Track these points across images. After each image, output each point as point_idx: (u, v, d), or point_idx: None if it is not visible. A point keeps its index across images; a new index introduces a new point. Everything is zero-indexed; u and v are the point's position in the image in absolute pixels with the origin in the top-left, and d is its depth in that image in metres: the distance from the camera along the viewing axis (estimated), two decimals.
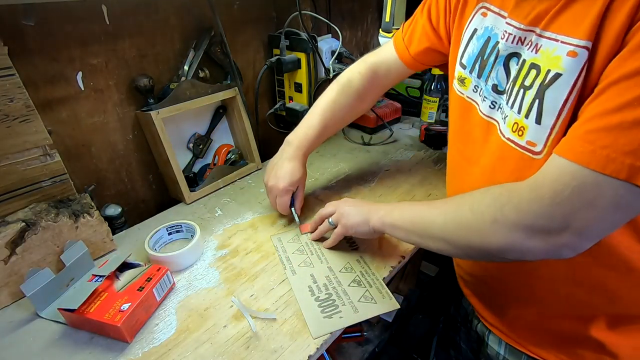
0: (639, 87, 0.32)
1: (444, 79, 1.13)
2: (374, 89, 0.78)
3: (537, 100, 0.42)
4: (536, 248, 0.40)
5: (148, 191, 0.89)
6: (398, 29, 0.82)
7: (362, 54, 1.29)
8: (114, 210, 0.76)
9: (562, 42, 0.39)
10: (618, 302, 0.48)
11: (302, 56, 0.96)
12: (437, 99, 1.13)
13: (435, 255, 1.20)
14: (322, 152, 1.06)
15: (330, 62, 1.01)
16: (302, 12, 0.90)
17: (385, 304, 0.57)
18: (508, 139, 0.47)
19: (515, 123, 0.45)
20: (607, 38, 0.35)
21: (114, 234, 0.72)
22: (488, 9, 0.51)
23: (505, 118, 0.47)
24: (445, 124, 1.13)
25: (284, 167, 0.71)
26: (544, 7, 0.41)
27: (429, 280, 1.24)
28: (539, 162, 0.43)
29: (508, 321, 0.59)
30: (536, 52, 0.42)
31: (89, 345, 0.52)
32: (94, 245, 0.67)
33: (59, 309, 0.54)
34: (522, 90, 0.44)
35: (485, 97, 0.52)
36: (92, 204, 0.66)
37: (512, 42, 0.46)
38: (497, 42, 0.49)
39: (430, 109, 1.16)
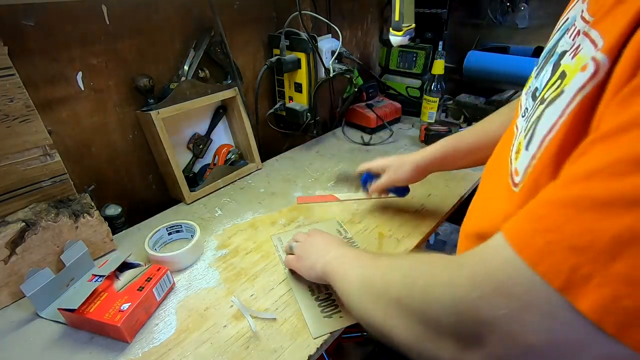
0: (621, 148, 0.21)
1: (444, 79, 1.13)
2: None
3: (537, 120, 0.31)
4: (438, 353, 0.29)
5: (148, 191, 0.89)
6: (408, 26, 0.82)
7: (362, 54, 1.29)
8: (114, 210, 0.76)
9: (598, 48, 0.26)
10: None
11: (302, 56, 0.96)
12: (437, 99, 1.13)
13: None
14: (322, 152, 1.06)
15: (330, 62, 1.01)
16: (302, 12, 0.90)
17: None
18: (510, 159, 0.37)
19: (519, 142, 0.35)
20: (629, 57, 0.23)
21: (114, 234, 0.72)
22: None
23: (520, 134, 0.37)
24: (445, 124, 1.13)
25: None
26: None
27: None
28: (516, 197, 0.33)
29: None
30: (573, 58, 0.29)
31: (89, 345, 0.52)
32: (94, 245, 0.67)
33: (59, 309, 0.54)
34: (539, 104, 0.33)
35: (526, 101, 0.40)
36: (92, 204, 0.66)
37: (571, 37, 0.33)
38: (564, 35, 0.36)
39: (430, 109, 1.16)
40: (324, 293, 0.59)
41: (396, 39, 0.83)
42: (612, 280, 0.20)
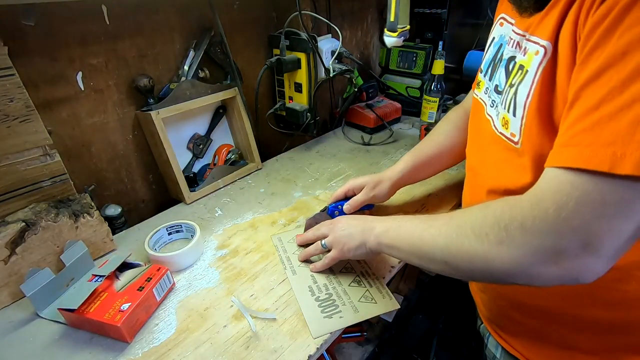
0: (607, 84, 0.32)
1: (444, 79, 1.13)
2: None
3: (513, 95, 0.45)
4: (548, 274, 0.36)
5: (148, 191, 0.89)
6: (403, 27, 0.82)
7: (362, 54, 1.29)
8: (114, 210, 0.76)
9: (540, 44, 0.42)
10: (608, 305, 0.46)
11: (302, 56, 0.96)
12: (437, 99, 1.13)
13: None
14: (322, 152, 1.06)
15: (330, 62, 1.01)
16: (302, 12, 0.90)
17: (386, 304, 0.57)
18: (500, 133, 0.49)
19: (503, 117, 0.48)
20: (564, 39, 0.38)
21: (114, 234, 0.72)
22: (504, 19, 0.54)
23: (498, 115, 0.51)
24: None
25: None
26: (536, 16, 0.44)
27: (429, 280, 1.24)
28: (519, 151, 0.46)
29: (504, 325, 0.59)
30: (524, 55, 0.45)
31: (89, 345, 0.52)
32: (94, 245, 0.67)
33: (59, 309, 0.54)
34: (510, 88, 0.47)
35: (489, 96, 0.55)
36: (92, 204, 0.66)
37: (512, 47, 0.49)
38: (504, 48, 0.52)
39: (430, 109, 1.16)
40: (324, 293, 0.59)
41: (390, 39, 0.83)
42: (637, 148, 0.30)
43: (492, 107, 0.53)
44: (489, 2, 1.24)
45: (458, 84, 1.33)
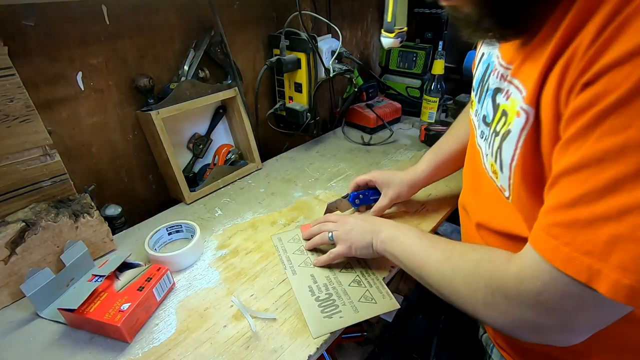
0: (586, 182, 0.31)
1: (444, 79, 1.13)
2: None
3: (499, 150, 0.43)
4: (528, 337, 0.40)
5: (148, 191, 0.89)
6: (400, 29, 0.82)
7: (362, 54, 1.29)
8: (114, 210, 0.76)
9: (522, 96, 0.38)
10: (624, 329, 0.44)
11: (302, 56, 0.96)
12: (437, 99, 1.13)
13: None
14: (322, 152, 1.06)
15: (330, 62, 1.01)
16: (302, 12, 0.90)
17: (386, 304, 0.57)
18: (491, 177, 0.48)
19: (492, 164, 0.46)
20: (546, 107, 0.34)
21: (114, 234, 0.72)
22: None
23: (487, 156, 0.48)
24: (445, 124, 1.13)
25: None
26: (519, 53, 0.40)
27: None
28: (511, 206, 0.45)
29: (509, 339, 0.58)
30: (507, 99, 0.42)
31: (89, 345, 0.52)
32: (94, 245, 0.67)
33: (59, 309, 0.54)
34: (494, 135, 0.44)
35: (479, 124, 0.52)
36: (92, 204, 0.66)
37: (497, 78, 0.45)
38: (491, 72, 0.48)
39: (430, 109, 1.16)
40: (324, 293, 0.59)
41: (387, 40, 0.83)
42: (612, 269, 0.30)
43: (481, 137, 0.51)
44: None
45: (458, 84, 1.33)
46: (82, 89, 0.71)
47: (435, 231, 0.78)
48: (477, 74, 0.55)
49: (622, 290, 0.30)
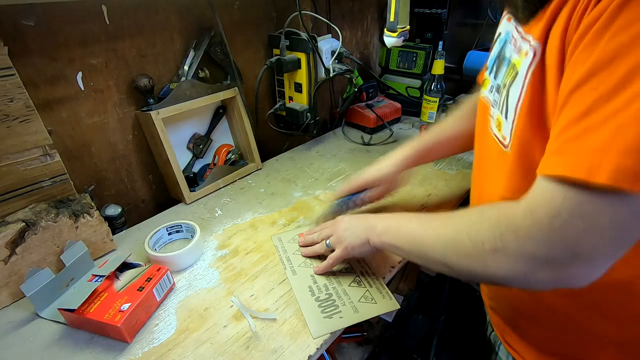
0: (594, 90, 0.31)
1: (444, 79, 1.13)
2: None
3: (505, 97, 0.44)
4: (543, 279, 0.37)
5: (148, 191, 0.89)
6: (403, 28, 0.82)
7: (362, 54, 1.29)
8: (114, 210, 0.76)
9: (529, 42, 0.40)
10: (624, 323, 0.45)
11: (302, 56, 0.96)
12: (437, 99, 1.13)
13: None
14: (322, 152, 1.06)
15: (330, 62, 1.01)
16: (302, 12, 0.90)
17: (386, 304, 0.57)
18: (494, 134, 0.49)
19: (497, 118, 0.48)
20: (554, 40, 0.36)
21: (114, 234, 0.72)
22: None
23: (494, 116, 0.50)
24: None
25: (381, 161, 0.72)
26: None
27: (429, 280, 1.24)
28: (509, 155, 0.45)
29: (515, 337, 0.57)
30: (517, 54, 0.43)
31: (89, 345, 0.52)
32: (94, 245, 0.67)
33: (59, 309, 0.54)
34: (503, 89, 0.46)
35: (493, 96, 0.53)
36: (92, 204, 0.66)
37: (514, 45, 0.46)
38: (506, 44, 0.50)
39: (430, 109, 1.16)
40: (324, 293, 0.59)
41: (390, 40, 0.82)
42: (614, 155, 0.30)
43: (493, 107, 0.52)
44: (489, 2, 1.24)
45: (458, 84, 1.33)
46: (82, 89, 0.71)
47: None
48: (492, 53, 0.54)
49: (625, 174, 0.29)
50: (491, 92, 0.54)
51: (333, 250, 0.61)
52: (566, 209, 0.34)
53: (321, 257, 0.65)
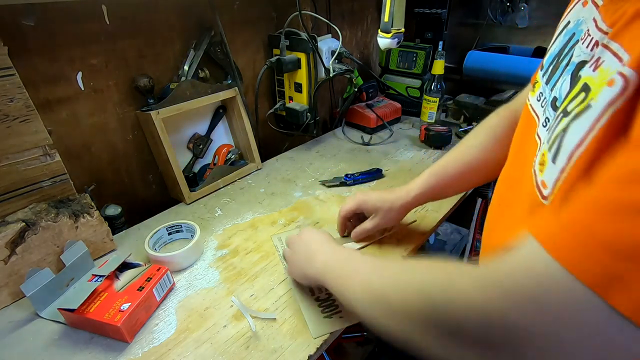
0: None
1: (444, 79, 1.13)
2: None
3: (562, 133, 0.30)
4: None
5: (148, 191, 0.89)
6: (398, 29, 0.82)
7: (362, 54, 1.29)
8: (114, 210, 0.76)
9: (618, 57, 0.26)
10: None
11: (302, 56, 0.96)
12: (437, 99, 1.13)
13: (435, 256, 1.20)
14: (322, 152, 1.06)
15: (330, 62, 1.01)
16: (302, 12, 0.90)
17: None
18: (534, 170, 0.36)
19: (543, 154, 0.34)
20: None
21: (114, 234, 0.72)
22: None
23: (541, 146, 0.36)
24: (445, 124, 1.13)
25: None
26: (629, 6, 0.28)
27: None
28: (544, 210, 0.32)
29: None
30: (595, 70, 0.29)
31: (89, 345, 0.52)
32: (94, 245, 0.67)
33: (59, 309, 0.54)
34: (561, 116, 0.32)
35: (545, 110, 0.39)
36: (92, 204, 0.66)
37: (588, 46, 0.33)
38: (577, 42, 0.36)
39: (430, 109, 1.16)
40: (324, 293, 0.59)
41: (384, 41, 0.82)
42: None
43: (544, 127, 0.38)
44: (489, 2, 1.24)
45: (458, 84, 1.33)
46: (82, 89, 0.71)
47: (435, 231, 0.77)
48: (553, 48, 0.41)
49: None
50: (539, 101, 0.41)
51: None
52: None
53: None
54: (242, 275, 0.64)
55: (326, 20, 0.99)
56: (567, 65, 0.36)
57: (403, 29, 0.83)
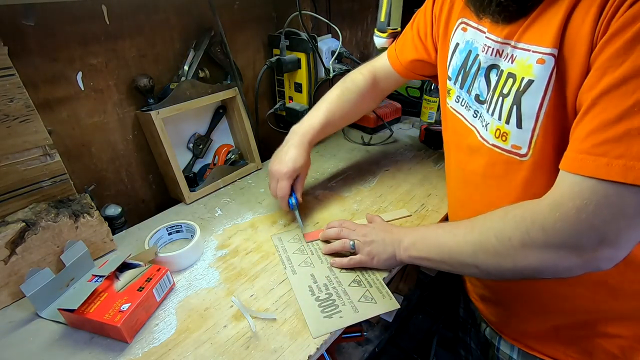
0: (633, 93, 0.33)
1: None
2: (375, 90, 0.81)
3: (514, 107, 0.44)
4: (572, 265, 0.40)
5: (148, 191, 0.89)
6: (394, 29, 0.82)
7: (362, 54, 1.29)
8: (114, 210, 0.75)
9: (532, 51, 0.42)
10: (619, 296, 0.48)
11: (302, 56, 0.96)
12: (437, 99, 1.13)
13: None
14: (322, 152, 1.06)
15: (330, 62, 1.01)
16: (302, 12, 0.90)
17: (386, 303, 0.57)
18: (493, 145, 0.49)
19: (497, 129, 0.47)
20: (570, 44, 0.38)
21: (114, 234, 0.72)
22: (467, 24, 0.53)
23: (486, 125, 0.50)
24: None
25: (288, 153, 0.72)
26: (516, 24, 0.44)
27: (429, 280, 1.24)
28: (526, 164, 0.46)
29: (516, 327, 0.59)
30: (512, 62, 0.44)
31: (89, 345, 0.52)
32: (94, 245, 0.67)
33: (59, 309, 0.54)
34: (501, 98, 0.46)
35: (469, 106, 0.54)
36: (92, 204, 0.66)
37: (492, 55, 0.48)
38: (477, 55, 0.51)
39: (430, 109, 1.16)
40: (324, 293, 0.59)
41: (380, 40, 0.83)
42: None
43: (475, 117, 0.53)
44: None
45: None
46: (82, 89, 0.71)
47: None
48: (453, 64, 0.56)
49: None
50: (458, 102, 0.56)
51: (354, 252, 0.63)
52: (593, 201, 0.36)
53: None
54: (242, 275, 0.64)
55: (326, 20, 0.99)
56: (477, 70, 0.51)
57: (399, 29, 0.83)
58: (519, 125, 0.44)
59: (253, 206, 0.83)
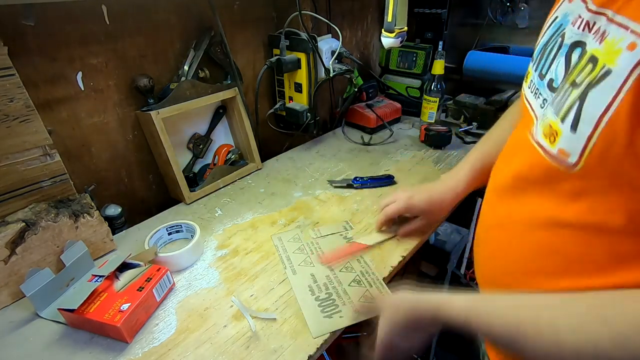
0: None
1: (444, 79, 1.13)
2: None
3: (577, 102, 0.32)
4: None
5: (148, 191, 0.89)
6: (401, 28, 0.82)
7: (362, 54, 1.29)
8: (114, 210, 0.75)
9: (631, 30, 0.29)
10: None
11: (302, 56, 0.96)
12: (437, 99, 1.13)
13: (435, 256, 1.20)
14: (322, 152, 1.06)
15: (330, 62, 1.01)
16: (302, 12, 0.90)
17: None
18: (537, 142, 0.38)
19: (549, 125, 0.36)
20: None
21: (114, 234, 0.72)
22: None
23: (542, 118, 0.38)
24: (445, 124, 1.13)
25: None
26: None
27: (429, 280, 1.24)
28: (573, 176, 0.34)
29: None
30: (600, 42, 0.32)
31: (89, 345, 0.52)
32: (94, 245, 0.67)
33: (59, 309, 0.54)
34: (570, 88, 0.34)
35: (539, 93, 0.41)
36: (92, 204, 0.66)
37: (580, 28, 0.36)
38: (565, 30, 0.39)
39: (430, 109, 1.16)
40: (324, 293, 0.59)
41: (388, 40, 0.82)
42: None
43: (542, 107, 0.40)
44: (489, 2, 1.24)
45: (458, 84, 1.33)
46: (82, 89, 0.71)
47: (435, 231, 0.77)
48: (541, 40, 0.44)
49: None
50: (530, 88, 0.44)
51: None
52: None
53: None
54: (242, 275, 0.64)
55: (326, 20, 0.99)
56: (559, 49, 0.39)
57: (406, 27, 0.83)
58: (574, 127, 0.33)
59: (253, 206, 0.83)
